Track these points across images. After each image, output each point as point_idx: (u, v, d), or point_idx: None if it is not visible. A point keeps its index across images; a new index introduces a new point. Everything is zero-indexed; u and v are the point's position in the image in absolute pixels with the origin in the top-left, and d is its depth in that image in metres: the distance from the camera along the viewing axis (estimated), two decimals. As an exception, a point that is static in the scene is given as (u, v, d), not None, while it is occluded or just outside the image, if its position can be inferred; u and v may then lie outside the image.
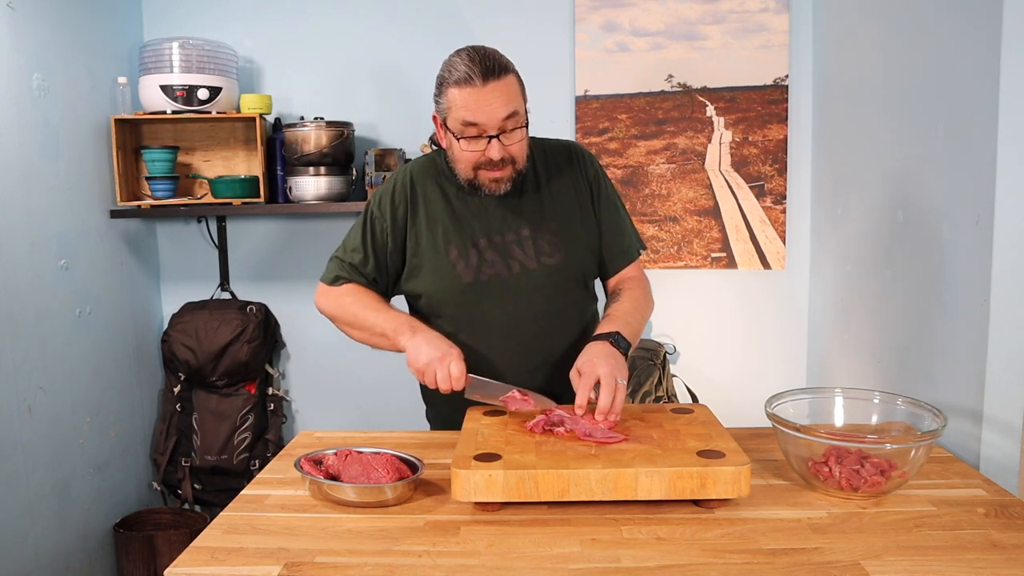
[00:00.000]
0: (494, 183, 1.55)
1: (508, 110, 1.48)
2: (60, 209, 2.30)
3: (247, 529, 1.23)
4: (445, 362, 1.47)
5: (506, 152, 1.51)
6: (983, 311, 1.49)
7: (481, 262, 1.59)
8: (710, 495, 1.23)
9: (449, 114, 1.51)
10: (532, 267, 1.60)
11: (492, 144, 1.49)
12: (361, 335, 1.64)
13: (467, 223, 1.61)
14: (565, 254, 1.62)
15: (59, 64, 2.29)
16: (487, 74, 1.46)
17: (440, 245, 1.60)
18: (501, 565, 1.11)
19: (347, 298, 1.64)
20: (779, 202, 2.66)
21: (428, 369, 1.48)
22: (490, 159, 1.50)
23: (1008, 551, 1.12)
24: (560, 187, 1.65)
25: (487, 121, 1.47)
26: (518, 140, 1.52)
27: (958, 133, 1.60)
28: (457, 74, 1.47)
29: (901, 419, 1.45)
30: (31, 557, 2.15)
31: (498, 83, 1.47)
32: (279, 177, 2.61)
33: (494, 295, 1.60)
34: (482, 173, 1.54)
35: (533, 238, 1.61)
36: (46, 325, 2.23)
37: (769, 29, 2.60)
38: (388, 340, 1.57)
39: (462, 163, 1.55)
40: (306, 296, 2.83)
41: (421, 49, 2.68)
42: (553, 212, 1.63)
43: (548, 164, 1.67)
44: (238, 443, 2.71)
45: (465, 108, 1.47)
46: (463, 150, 1.52)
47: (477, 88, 1.45)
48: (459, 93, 1.47)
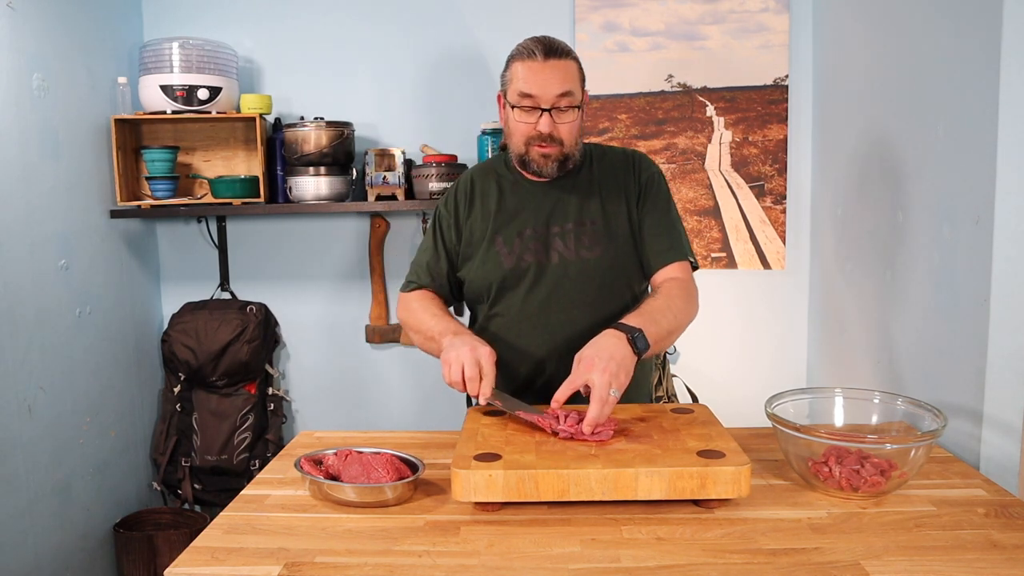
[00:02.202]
0: (543, 158, 1.62)
1: (563, 88, 1.56)
2: (60, 209, 2.30)
3: (247, 529, 1.23)
4: (473, 354, 1.47)
5: (556, 130, 1.59)
6: (983, 311, 1.49)
7: (523, 249, 1.66)
8: (710, 495, 1.23)
9: (509, 86, 1.61)
10: (571, 259, 1.66)
11: (544, 117, 1.57)
12: (418, 339, 1.68)
13: (517, 214, 1.68)
14: (604, 250, 1.66)
15: (59, 64, 2.29)
16: (548, 53, 1.57)
17: (489, 234, 1.68)
18: (501, 565, 1.11)
19: (414, 303, 1.71)
20: (779, 202, 2.66)
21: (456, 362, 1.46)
22: (540, 133, 1.58)
23: (1008, 551, 1.12)
24: (612, 189, 1.70)
25: (541, 94, 1.56)
26: (570, 121, 1.60)
27: (958, 133, 1.60)
28: (522, 50, 1.60)
29: (901, 419, 1.45)
30: (31, 557, 2.15)
31: (558, 62, 1.57)
32: (279, 177, 2.61)
33: (530, 281, 1.66)
34: (533, 148, 1.61)
35: (576, 232, 1.66)
36: (46, 325, 2.23)
37: (769, 29, 2.60)
38: (435, 343, 1.59)
39: (516, 136, 1.63)
40: (306, 296, 2.85)
41: (421, 49, 2.68)
42: (600, 210, 1.68)
43: (604, 166, 1.73)
44: (238, 443, 2.71)
45: (523, 80, 1.57)
46: (517, 121, 1.61)
47: (537, 63, 1.56)
48: (520, 66, 1.58)
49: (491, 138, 2.58)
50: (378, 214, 2.74)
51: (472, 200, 1.73)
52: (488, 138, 2.58)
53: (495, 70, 2.67)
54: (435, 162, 2.52)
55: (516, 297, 1.67)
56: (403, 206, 2.55)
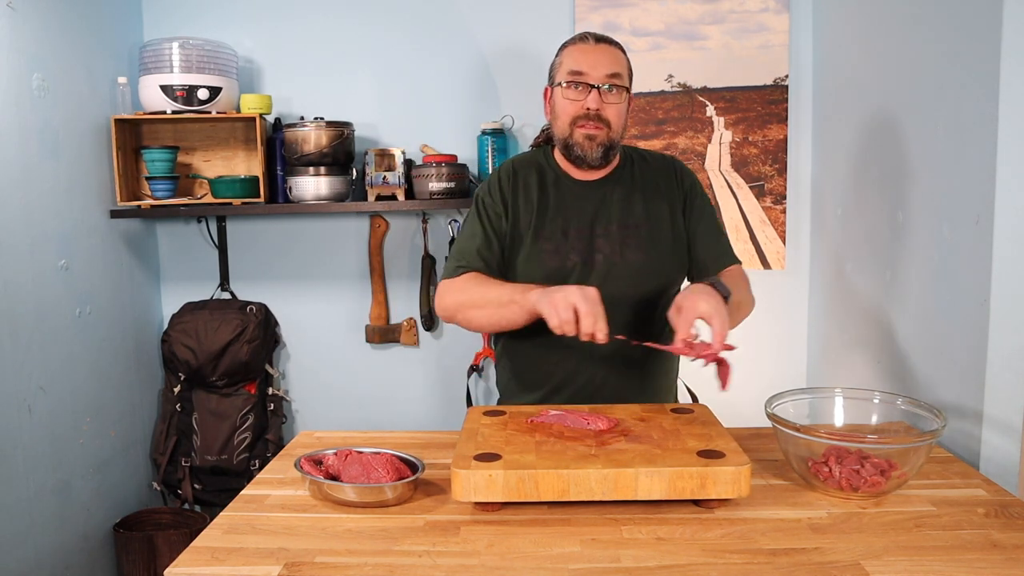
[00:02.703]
0: (588, 140, 1.63)
1: (612, 68, 1.61)
2: (60, 209, 2.30)
3: (247, 529, 1.23)
4: (583, 292, 1.42)
5: (604, 109, 1.61)
6: (983, 311, 1.49)
7: (569, 249, 1.66)
8: (710, 495, 1.23)
9: (559, 69, 1.65)
10: (616, 261, 1.66)
11: (592, 94, 1.61)
12: (485, 312, 1.61)
13: (559, 211, 1.68)
14: (647, 254, 1.67)
15: (59, 64, 2.29)
16: (600, 39, 1.65)
17: (533, 228, 1.67)
18: (501, 565, 1.11)
19: (471, 282, 1.64)
20: (779, 202, 2.66)
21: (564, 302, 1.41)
22: (587, 110, 1.60)
23: (1008, 551, 1.12)
24: (654, 193, 1.72)
25: (591, 71, 1.60)
26: (616, 103, 1.63)
27: (958, 133, 1.60)
28: (573, 38, 1.67)
29: (901, 419, 1.45)
30: (31, 557, 2.15)
31: (608, 47, 1.64)
32: (279, 177, 2.61)
33: (574, 282, 1.63)
34: (578, 130, 1.63)
35: (620, 235, 1.67)
36: (46, 325, 2.23)
37: (769, 29, 2.60)
38: (516, 304, 1.53)
39: (563, 117, 1.64)
40: (306, 296, 2.85)
41: (421, 49, 2.68)
42: (643, 214, 1.69)
43: (645, 169, 1.75)
44: (238, 443, 2.71)
45: (573, 59, 1.62)
46: (564, 98, 1.63)
47: (589, 44, 1.63)
48: (572, 48, 1.65)
49: (491, 138, 2.58)
50: (378, 214, 2.74)
51: (515, 191, 1.71)
52: (488, 138, 2.58)
53: (495, 70, 2.67)
54: (435, 162, 2.52)
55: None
56: (403, 206, 2.55)
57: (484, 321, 1.64)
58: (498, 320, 1.61)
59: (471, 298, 1.63)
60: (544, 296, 1.46)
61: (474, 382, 2.80)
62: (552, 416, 1.46)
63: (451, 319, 1.67)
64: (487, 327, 1.68)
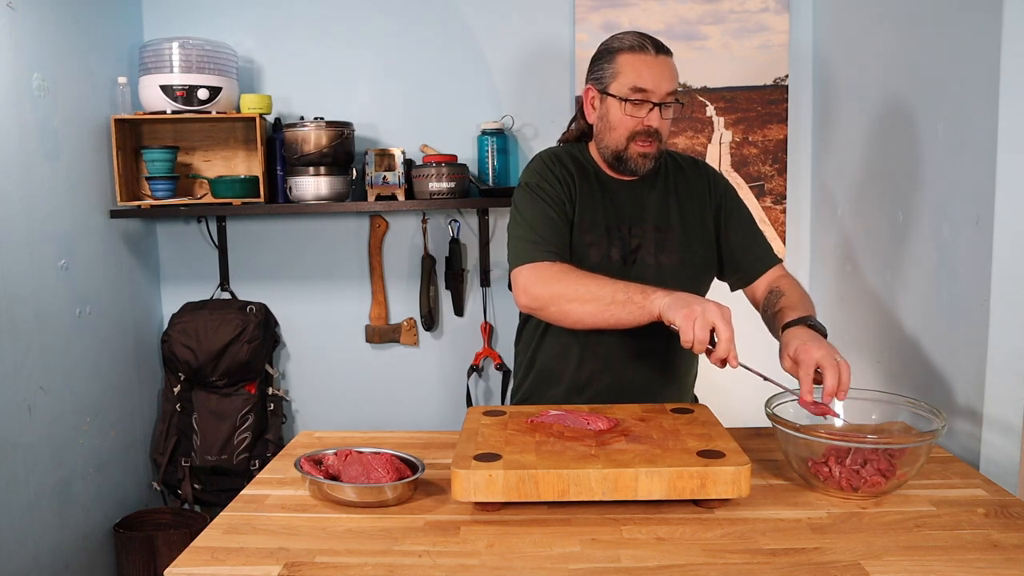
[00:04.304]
0: (642, 158, 1.62)
1: (673, 85, 1.60)
2: (60, 209, 2.30)
3: (247, 529, 1.23)
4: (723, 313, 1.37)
5: (662, 125, 1.61)
6: (983, 311, 1.49)
7: (609, 247, 1.65)
8: (710, 495, 1.23)
9: (616, 79, 1.59)
10: (650, 262, 1.66)
11: (653, 112, 1.59)
12: (590, 308, 1.48)
13: (597, 208, 1.66)
14: (682, 257, 1.67)
15: (59, 64, 2.29)
16: (659, 48, 1.59)
17: (577, 221, 1.64)
18: (501, 565, 1.11)
19: (567, 273, 1.52)
20: (779, 202, 2.66)
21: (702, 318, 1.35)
22: (648, 127, 1.59)
23: (1008, 551, 1.12)
24: (687, 196, 1.72)
25: (655, 88, 1.57)
26: (671, 118, 1.63)
27: (958, 133, 1.60)
28: (630, 42, 1.59)
29: (901, 419, 1.45)
30: (31, 557, 2.15)
31: (667, 59, 1.60)
32: (279, 177, 2.61)
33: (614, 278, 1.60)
34: (633, 146, 1.61)
35: (656, 238, 1.67)
36: (46, 325, 2.23)
37: (769, 29, 2.60)
38: (635, 304, 1.44)
39: (619, 130, 1.61)
40: (306, 296, 2.85)
41: (421, 49, 2.68)
42: (678, 217, 1.69)
43: (677, 171, 1.75)
44: (238, 443, 2.71)
45: (637, 73, 1.57)
46: (625, 114, 1.59)
47: (651, 56, 1.58)
48: (632, 58, 1.58)
49: (491, 138, 2.58)
50: (378, 214, 2.74)
51: (563, 176, 1.65)
52: (488, 138, 2.58)
53: (495, 70, 2.67)
54: (435, 162, 2.52)
55: None
56: (403, 206, 2.55)
57: (587, 317, 1.50)
58: (607, 318, 1.48)
59: (573, 291, 1.49)
60: (678, 306, 1.38)
61: (474, 382, 2.80)
62: (552, 416, 1.46)
63: (541, 310, 1.55)
64: (589, 324, 1.51)
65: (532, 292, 1.54)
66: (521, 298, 1.56)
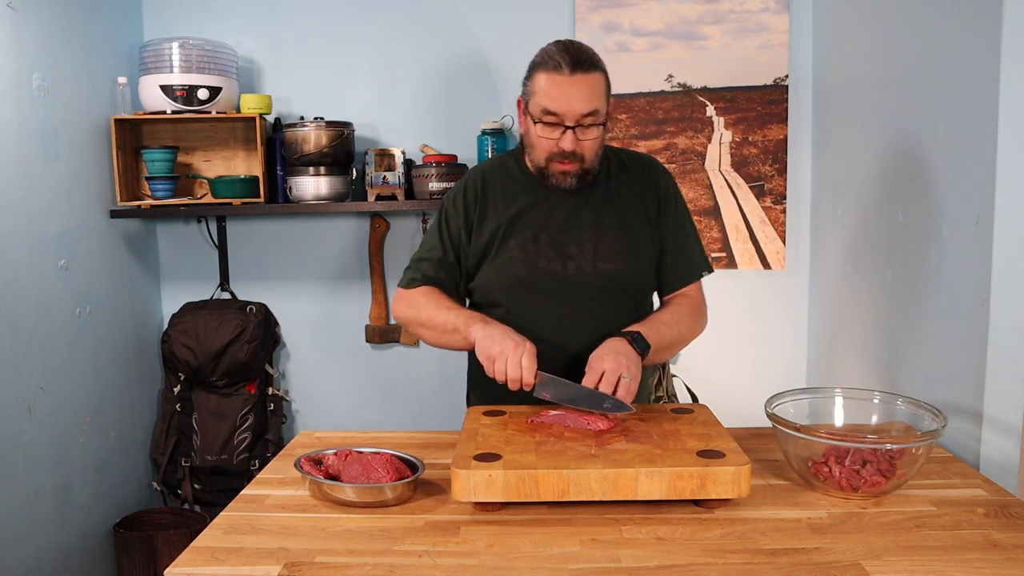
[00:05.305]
0: (562, 175, 1.58)
1: (588, 107, 1.51)
2: (60, 209, 2.30)
3: (247, 529, 1.23)
4: (518, 352, 1.46)
5: (578, 147, 1.54)
6: (983, 311, 1.49)
7: (538, 256, 1.62)
8: (710, 495, 1.23)
9: (532, 98, 1.55)
10: (588, 270, 1.62)
11: (567, 135, 1.53)
12: (432, 334, 1.64)
13: (531, 220, 1.64)
14: (624, 263, 1.63)
15: (59, 64, 2.29)
16: (576, 66, 1.50)
17: (502, 237, 1.63)
18: (501, 565, 1.11)
19: (421, 299, 1.65)
20: (779, 202, 2.66)
21: (500, 356, 1.46)
22: (562, 150, 1.54)
23: (1008, 551, 1.12)
24: (629, 197, 1.67)
25: (566, 111, 1.51)
26: (592, 138, 1.55)
27: (958, 133, 1.60)
28: (548, 60, 1.52)
29: (901, 419, 1.45)
30: (31, 557, 2.15)
31: (585, 77, 1.51)
32: (279, 177, 2.61)
33: (545, 291, 1.62)
34: (553, 164, 1.58)
35: (594, 242, 1.63)
36: (46, 325, 2.23)
37: (769, 29, 2.60)
38: (460, 334, 1.56)
39: (537, 149, 1.58)
40: (306, 296, 2.85)
41: (421, 49, 2.68)
42: (618, 220, 1.65)
43: (621, 173, 1.69)
44: (238, 443, 2.71)
45: (547, 95, 1.51)
46: (539, 136, 1.56)
47: (564, 77, 1.50)
48: (545, 79, 1.51)
49: (491, 138, 2.58)
50: (378, 214, 2.74)
51: (484, 200, 1.66)
52: (488, 138, 2.58)
53: (495, 70, 2.67)
54: (435, 162, 2.52)
55: (530, 305, 1.62)
56: (403, 206, 2.55)
57: (432, 341, 1.66)
58: (444, 344, 1.63)
59: (419, 316, 1.64)
60: (483, 347, 1.49)
61: (474, 382, 2.80)
62: (552, 416, 1.46)
63: (406, 329, 1.68)
64: (435, 346, 1.67)
65: (395, 312, 1.71)
66: (393, 315, 1.71)
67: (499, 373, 1.47)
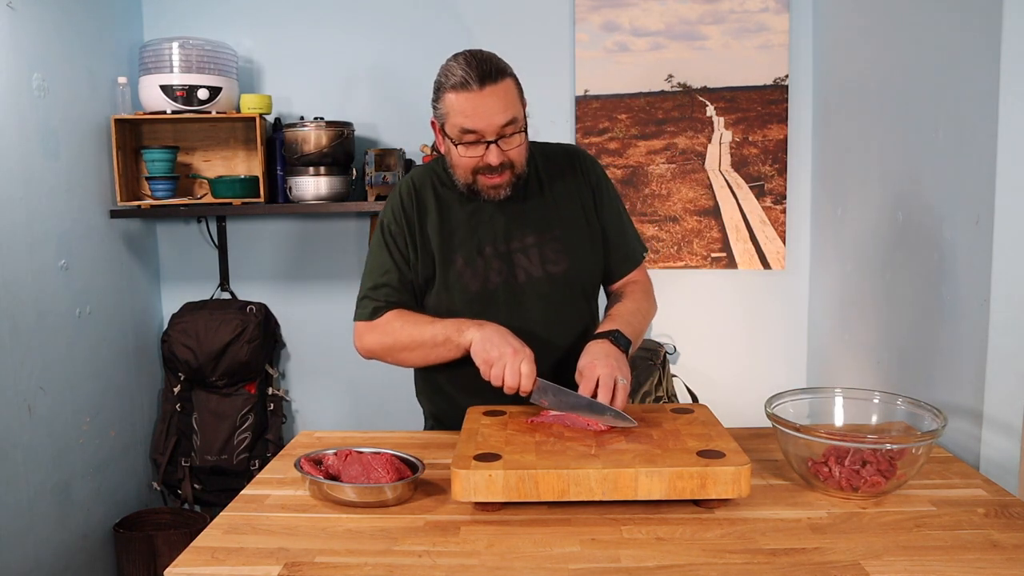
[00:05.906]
0: (493, 189, 1.54)
1: (506, 117, 1.46)
2: (60, 209, 2.30)
3: (247, 529, 1.23)
4: (517, 358, 1.41)
5: (505, 157, 1.50)
6: (983, 311, 1.49)
7: (488, 270, 1.58)
8: (710, 495, 1.23)
9: (447, 120, 1.49)
10: (537, 275, 1.59)
11: (491, 150, 1.48)
12: (417, 354, 1.57)
13: (471, 232, 1.59)
14: (570, 262, 1.61)
15: (59, 64, 2.29)
16: (484, 78, 1.44)
17: (447, 255, 1.59)
18: (501, 565, 1.11)
19: (395, 323, 1.57)
20: (779, 202, 2.66)
21: (499, 362, 1.41)
22: (489, 164, 1.49)
23: (1008, 551, 1.12)
24: (563, 193, 1.64)
25: (485, 127, 1.46)
26: (516, 145, 1.51)
27: (958, 133, 1.60)
28: (454, 79, 1.45)
29: (901, 419, 1.45)
30: (31, 557, 2.15)
31: (496, 88, 1.45)
32: (279, 177, 2.61)
33: (500, 303, 1.59)
34: (481, 179, 1.53)
35: (538, 246, 1.60)
36: (46, 325, 2.23)
37: (769, 29, 2.60)
38: (452, 343, 1.50)
39: (460, 168, 1.53)
40: (306, 296, 2.85)
41: (421, 49, 2.68)
42: (557, 219, 1.62)
43: (550, 169, 1.65)
44: (238, 443, 2.71)
45: (463, 114, 1.46)
46: (461, 156, 1.51)
47: (475, 93, 1.44)
48: (456, 99, 1.45)
49: (491, 138, 2.58)
50: (378, 214, 2.73)
51: (422, 214, 1.61)
52: (488, 138, 2.58)
53: (495, 70, 2.67)
54: (435, 162, 2.52)
55: (488, 318, 1.54)
56: (403, 206, 2.55)
57: (419, 361, 1.59)
58: (432, 359, 1.56)
59: (399, 340, 1.56)
60: (480, 351, 1.44)
61: (474, 382, 2.80)
62: (552, 416, 1.46)
63: (381, 360, 1.61)
64: (421, 366, 1.62)
65: (364, 347, 1.62)
66: (359, 351, 1.62)
67: (496, 378, 1.42)
